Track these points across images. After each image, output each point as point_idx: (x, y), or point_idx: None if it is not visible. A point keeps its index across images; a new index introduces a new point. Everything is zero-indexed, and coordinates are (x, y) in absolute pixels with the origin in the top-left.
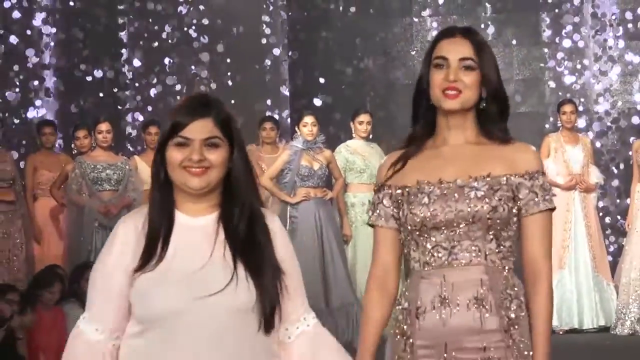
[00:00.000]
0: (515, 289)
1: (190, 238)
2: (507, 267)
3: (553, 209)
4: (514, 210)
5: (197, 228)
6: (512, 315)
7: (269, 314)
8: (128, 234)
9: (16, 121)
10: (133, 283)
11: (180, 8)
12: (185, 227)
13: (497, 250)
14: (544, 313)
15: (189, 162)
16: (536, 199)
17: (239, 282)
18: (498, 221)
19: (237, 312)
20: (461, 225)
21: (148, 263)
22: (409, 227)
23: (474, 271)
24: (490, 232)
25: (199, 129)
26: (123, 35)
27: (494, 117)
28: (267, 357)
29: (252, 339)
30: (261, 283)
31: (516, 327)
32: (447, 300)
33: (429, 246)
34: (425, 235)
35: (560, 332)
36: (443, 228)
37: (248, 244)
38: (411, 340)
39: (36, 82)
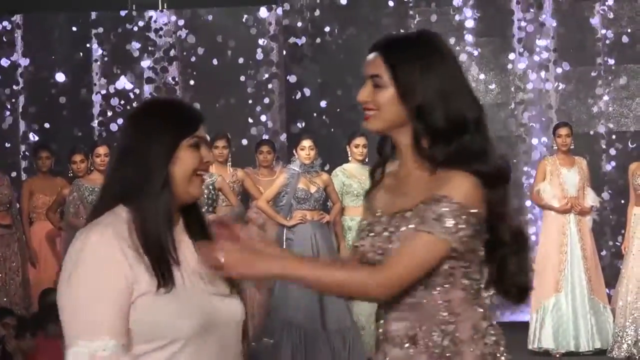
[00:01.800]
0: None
1: (181, 250)
2: (441, 301)
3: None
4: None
5: (180, 239)
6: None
7: (246, 324)
8: (123, 245)
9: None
10: (137, 300)
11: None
12: (177, 239)
13: (423, 287)
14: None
15: (204, 165)
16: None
17: (232, 293)
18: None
19: (238, 324)
20: (376, 258)
21: (163, 281)
22: None
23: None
24: None
25: (203, 130)
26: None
27: (427, 135)
28: None
29: (240, 351)
30: (240, 292)
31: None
32: (386, 336)
33: None
34: None
35: (557, 355)
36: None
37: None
38: None
39: None
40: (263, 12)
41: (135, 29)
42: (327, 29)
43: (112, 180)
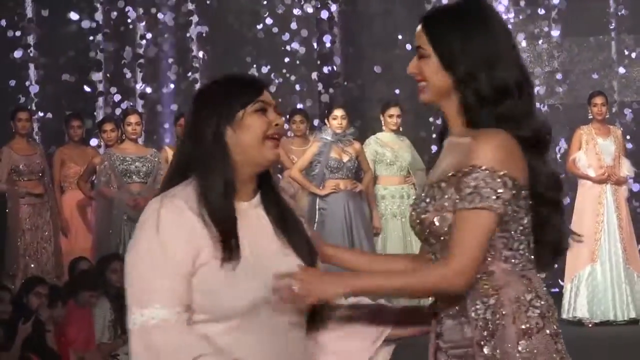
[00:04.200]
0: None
1: (250, 224)
2: (482, 273)
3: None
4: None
5: (252, 213)
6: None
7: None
8: (190, 216)
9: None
10: (199, 271)
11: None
12: (244, 213)
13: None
14: (418, 276)
15: (272, 128)
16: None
17: (297, 264)
18: (446, 231)
19: None
20: (416, 228)
21: (228, 253)
22: None
23: None
24: (441, 237)
25: (269, 96)
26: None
27: (472, 103)
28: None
29: (303, 327)
30: (310, 263)
31: (490, 340)
32: (440, 307)
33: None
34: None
35: (591, 325)
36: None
37: (292, 224)
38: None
39: None
40: None
41: None
42: None
43: (181, 153)
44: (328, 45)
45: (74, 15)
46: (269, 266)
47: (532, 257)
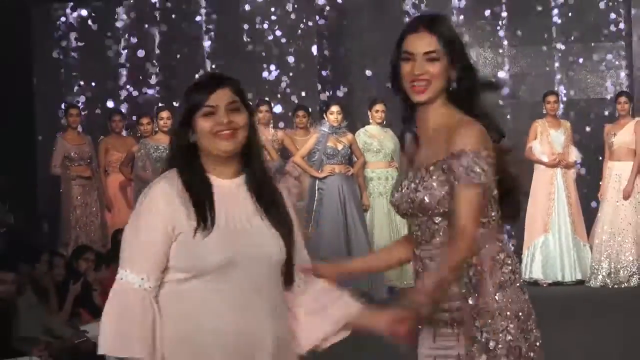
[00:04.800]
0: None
1: (229, 198)
2: None
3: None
4: (448, 191)
5: (232, 189)
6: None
7: (291, 267)
8: (169, 194)
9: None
10: (178, 237)
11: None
12: (222, 188)
13: (449, 227)
14: (442, 264)
15: (218, 127)
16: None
17: (273, 238)
18: (435, 206)
19: (274, 265)
20: (408, 213)
21: (202, 221)
22: None
23: (436, 247)
24: (435, 216)
25: (221, 96)
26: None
27: (462, 95)
28: (286, 307)
29: (280, 291)
30: (286, 238)
31: (474, 293)
32: (423, 270)
33: (411, 227)
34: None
35: (545, 285)
36: (403, 215)
37: (272, 203)
38: None
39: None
40: None
41: None
42: None
43: (171, 144)
44: (326, 52)
45: None
46: (241, 233)
47: (501, 221)
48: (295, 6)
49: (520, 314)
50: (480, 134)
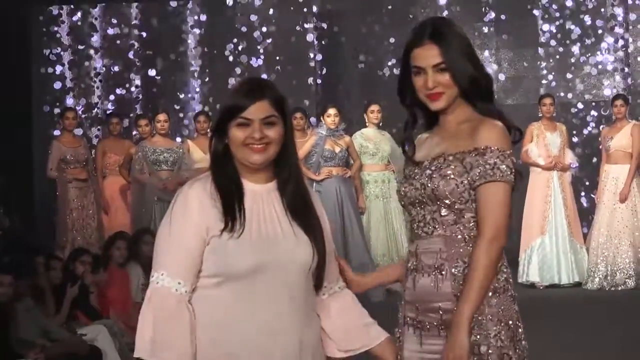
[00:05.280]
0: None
1: (260, 202)
2: (467, 237)
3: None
4: (465, 184)
5: (263, 194)
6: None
7: (322, 272)
8: (203, 197)
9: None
10: (210, 241)
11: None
12: (254, 192)
13: (453, 222)
14: (475, 264)
15: (251, 139)
16: (481, 172)
17: (304, 243)
18: (447, 195)
19: (304, 270)
20: (417, 202)
21: (231, 224)
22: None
23: (435, 241)
24: (443, 207)
25: (258, 109)
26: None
27: (477, 98)
28: (315, 312)
29: (311, 296)
30: (317, 244)
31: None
32: (416, 267)
33: (413, 220)
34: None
35: (541, 287)
36: (409, 205)
37: (303, 208)
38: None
39: None
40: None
41: None
42: None
43: (211, 148)
44: (322, 55)
45: None
46: (272, 238)
47: None
48: (292, 9)
49: (510, 322)
50: (504, 133)
